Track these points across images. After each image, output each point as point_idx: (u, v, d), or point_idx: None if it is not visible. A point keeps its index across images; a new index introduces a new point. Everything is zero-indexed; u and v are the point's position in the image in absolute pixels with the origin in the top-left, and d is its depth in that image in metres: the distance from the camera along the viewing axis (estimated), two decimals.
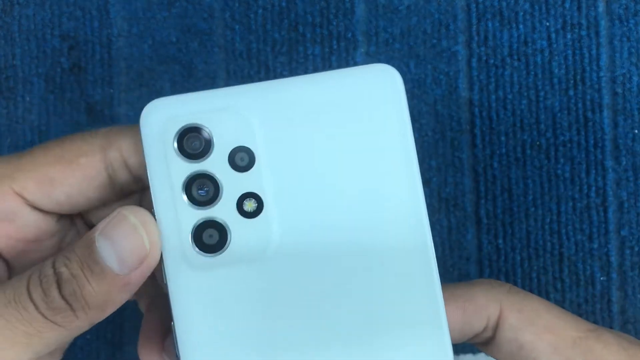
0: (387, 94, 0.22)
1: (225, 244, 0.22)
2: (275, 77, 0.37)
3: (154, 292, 0.28)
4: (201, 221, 0.22)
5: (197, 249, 0.22)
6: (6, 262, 0.25)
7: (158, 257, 0.22)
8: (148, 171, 0.22)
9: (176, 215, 0.22)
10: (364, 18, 0.37)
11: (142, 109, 0.23)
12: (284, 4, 0.37)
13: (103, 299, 0.21)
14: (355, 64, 0.36)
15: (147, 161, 0.22)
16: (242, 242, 0.22)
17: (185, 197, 0.22)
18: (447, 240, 0.36)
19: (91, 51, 0.37)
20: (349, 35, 0.37)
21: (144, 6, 0.37)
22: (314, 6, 0.37)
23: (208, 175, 0.22)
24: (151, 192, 0.22)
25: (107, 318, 0.28)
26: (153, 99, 0.31)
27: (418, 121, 0.36)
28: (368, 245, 0.22)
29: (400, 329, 0.22)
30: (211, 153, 0.22)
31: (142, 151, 0.22)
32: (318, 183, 0.22)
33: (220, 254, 0.22)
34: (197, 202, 0.22)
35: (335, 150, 0.22)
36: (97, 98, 0.37)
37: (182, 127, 0.22)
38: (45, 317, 0.21)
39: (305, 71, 0.36)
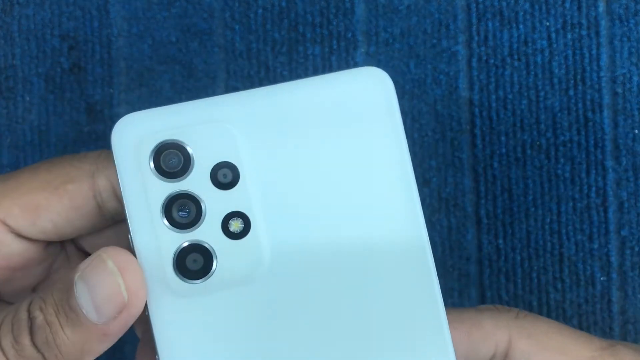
0: (378, 99, 0.21)
1: (210, 269, 0.20)
2: (275, 77, 0.37)
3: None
4: (184, 245, 0.20)
5: (180, 275, 0.20)
6: None
7: (141, 306, 0.20)
8: (123, 194, 0.20)
9: (156, 241, 0.20)
10: (364, 18, 0.37)
11: (142, 109, 0.21)
12: (284, 4, 0.37)
13: (78, 348, 0.19)
14: (355, 64, 0.36)
15: (121, 183, 0.20)
16: (229, 265, 0.20)
17: (165, 220, 0.20)
18: (447, 240, 0.36)
19: (91, 51, 0.37)
20: (349, 35, 0.36)
21: (144, 6, 0.37)
22: (314, 6, 0.37)
23: (189, 195, 0.20)
24: (127, 216, 0.20)
25: None
26: (153, 99, 0.30)
27: (418, 121, 0.36)
28: (364, 259, 0.21)
29: (402, 349, 0.21)
30: (191, 171, 0.20)
31: (115, 170, 0.20)
32: (308, 196, 0.21)
33: (206, 280, 0.20)
34: (179, 224, 0.20)
35: (325, 160, 0.21)
36: (97, 98, 0.37)
37: (158, 144, 0.20)
38: None
39: (305, 71, 0.36)
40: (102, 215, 0.23)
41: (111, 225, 0.25)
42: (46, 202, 0.23)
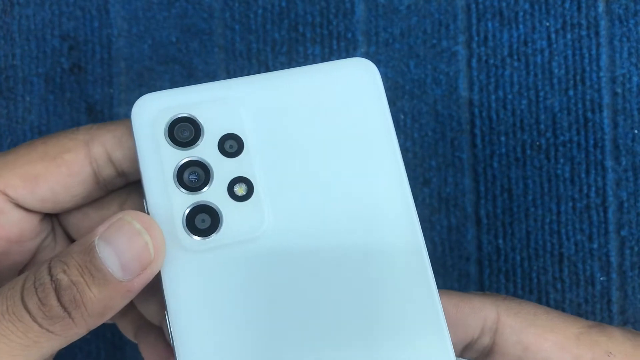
0: (366, 86, 0.23)
1: (217, 227, 0.22)
2: None
3: (140, 320, 0.27)
4: (193, 206, 0.22)
5: (189, 233, 0.22)
6: None
7: (162, 263, 0.21)
8: (140, 160, 0.22)
9: (169, 201, 0.22)
10: (364, 18, 0.37)
11: None
12: (284, 4, 0.37)
13: (103, 305, 0.20)
14: None
15: (138, 151, 0.22)
16: (234, 225, 0.22)
17: (177, 183, 0.22)
18: (447, 240, 0.36)
19: (91, 51, 0.37)
20: (349, 35, 0.36)
21: (144, 6, 0.37)
22: (314, 6, 0.37)
23: (199, 161, 0.22)
24: (143, 180, 0.22)
25: None
26: None
27: (418, 121, 0.36)
28: (359, 234, 0.22)
29: (399, 328, 0.22)
30: (201, 141, 0.22)
31: (134, 143, 0.23)
32: (304, 170, 0.23)
33: (213, 237, 0.22)
34: (189, 187, 0.22)
35: (319, 139, 0.23)
36: (97, 98, 0.37)
37: (173, 117, 0.22)
38: (42, 327, 0.20)
39: None
40: (97, 183, 0.25)
41: (103, 196, 0.26)
42: (45, 171, 0.24)
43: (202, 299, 0.22)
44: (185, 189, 0.22)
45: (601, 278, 0.36)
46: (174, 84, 0.37)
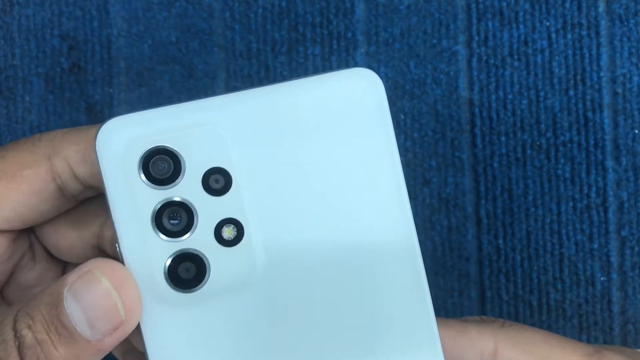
0: (368, 101, 0.20)
1: (204, 278, 0.19)
2: (275, 77, 0.37)
3: (127, 344, 0.26)
4: (176, 254, 0.19)
5: (172, 285, 0.19)
6: None
7: (137, 321, 0.19)
8: (109, 200, 0.19)
9: (146, 250, 0.19)
10: (364, 18, 0.37)
11: (142, 109, 0.20)
12: (284, 4, 0.37)
13: None
14: (355, 64, 0.36)
15: (107, 190, 0.19)
16: (223, 273, 0.19)
17: (156, 229, 0.19)
18: (447, 240, 0.36)
19: (91, 51, 0.37)
20: (349, 35, 0.36)
21: (144, 6, 0.37)
22: (314, 6, 0.37)
23: (180, 202, 0.19)
24: (114, 223, 0.19)
25: None
26: (153, 99, 0.30)
27: (418, 121, 0.36)
28: (355, 261, 0.20)
29: (394, 352, 0.21)
30: (182, 177, 0.19)
31: (101, 177, 0.19)
32: (300, 199, 0.20)
33: (199, 288, 0.19)
34: (170, 233, 0.19)
35: (316, 163, 0.20)
36: (97, 98, 0.37)
37: (147, 150, 0.19)
38: None
39: (305, 71, 0.36)
40: (64, 196, 0.23)
41: (74, 206, 0.24)
42: (5, 191, 0.22)
43: (186, 357, 0.19)
44: (166, 235, 0.19)
45: (601, 278, 0.36)
46: (174, 83, 0.37)
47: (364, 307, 0.20)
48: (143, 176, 0.19)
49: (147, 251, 0.19)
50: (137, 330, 0.24)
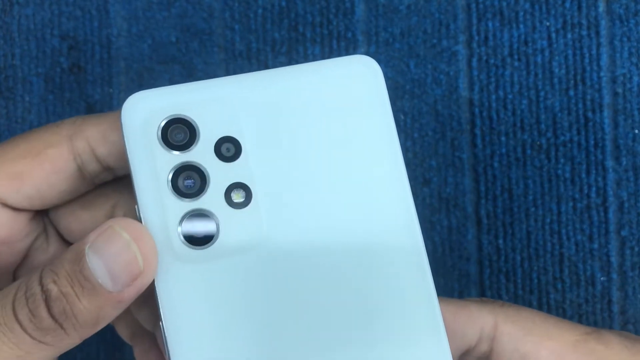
0: (368, 84, 0.22)
1: (214, 237, 0.21)
2: None
3: (135, 325, 0.27)
4: (189, 214, 0.21)
5: (185, 242, 0.21)
6: None
7: (154, 273, 0.21)
8: (131, 164, 0.21)
9: (162, 209, 0.21)
10: (364, 18, 0.37)
11: None
12: (284, 4, 0.37)
13: (94, 316, 0.20)
14: None
15: (129, 155, 0.21)
16: (232, 233, 0.21)
17: (171, 190, 0.21)
18: (447, 240, 0.36)
19: (91, 51, 0.37)
20: (349, 35, 0.36)
21: (144, 6, 0.37)
22: (314, 6, 0.37)
23: (194, 166, 0.21)
24: (134, 185, 0.21)
25: None
26: None
27: (418, 121, 0.36)
28: (358, 237, 0.22)
29: (397, 329, 0.21)
30: (197, 144, 0.21)
31: (124, 144, 0.21)
32: (304, 172, 0.22)
33: (209, 246, 0.21)
34: (184, 194, 0.21)
35: (319, 141, 0.22)
36: (97, 98, 0.37)
37: (166, 118, 0.21)
38: (34, 338, 0.20)
39: None
40: (83, 178, 0.24)
41: (96, 193, 0.25)
42: (28, 169, 0.23)
43: (197, 311, 0.21)
44: (181, 196, 0.21)
45: (602, 278, 0.36)
46: (173, 83, 0.36)
47: (367, 288, 0.21)
48: (161, 142, 0.21)
49: (162, 210, 0.21)
50: (147, 307, 0.25)
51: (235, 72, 0.37)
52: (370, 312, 0.21)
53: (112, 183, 0.25)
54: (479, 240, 0.36)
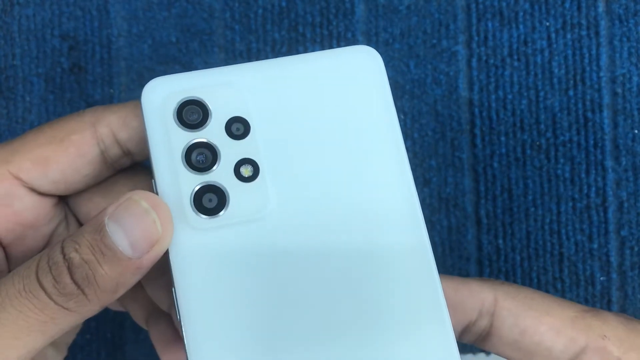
0: (369, 73, 0.24)
1: (224, 207, 0.22)
2: None
3: (150, 306, 0.28)
4: (201, 186, 0.22)
5: (197, 212, 0.22)
6: (3, 249, 0.26)
7: (170, 240, 0.22)
8: (149, 141, 0.23)
9: (177, 181, 0.23)
10: (364, 18, 0.37)
11: None
12: (284, 4, 0.37)
13: (114, 282, 0.21)
14: None
15: (148, 132, 0.23)
16: (240, 205, 0.22)
17: (185, 164, 0.23)
18: (447, 240, 0.36)
19: (91, 51, 0.37)
20: (349, 35, 0.36)
21: (144, 6, 0.37)
22: (314, 6, 0.37)
23: (206, 143, 0.23)
24: (152, 160, 0.23)
25: (107, 318, 0.29)
26: None
27: (418, 121, 0.36)
28: (360, 211, 0.23)
29: (401, 316, 0.22)
30: (209, 123, 0.23)
31: (143, 124, 0.23)
32: (308, 155, 0.23)
33: (220, 216, 0.22)
34: (197, 168, 0.23)
35: (323, 125, 0.23)
36: (97, 98, 0.37)
37: (182, 100, 0.23)
38: (57, 304, 0.21)
39: None
40: (105, 163, 0.25)
41: (113, 182, 0.26)
42: (54, 154, 0.24)
43: (208, 277, 0.22)
44: (193, 170, 0.23)
45: (601, 278, 0.36)
46: None
47: (368, 252, 0.23)
48: (177, 121, 0.23)
49: (177, 182, 0.23)
50: (162, 288, 0.27)
51: None
52: (373, 296, 0.22)
53: (130, 173, 0.27)
54: (479, 240, 0.36)
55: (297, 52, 0.36)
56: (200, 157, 0.23)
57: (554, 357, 0.24)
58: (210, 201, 0.22)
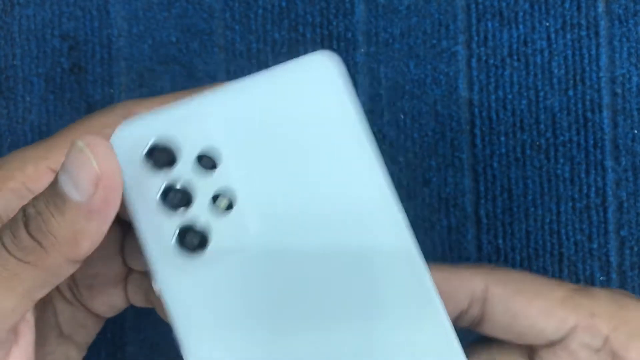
0: (327, 78, 0.23)
1: (206, 243, 0.22)
2: None
3: (145, 286, 0.28)
4: (180, 227, 0.23)
5: (182, 252, 0.22)
6: None
7: (115, 178, 0.22)
8: (125, 190, 0.22)
9: (157, 225, 0.23)
10: (364, 18, 0.37)
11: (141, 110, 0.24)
12: (284, 4, 0.37)
13: (70, 230, 0.21)
14: (355, 64, 0.36)
15: (124, 182, 0.23)
16: (223, 237, 0.23)
17: (162, 207, 0.23)
18: (447, 240, 0.36)
19: (91, 51, 0.37)
20: (349, 35, 0.37)
21: (144, 6, 0.37)
22: (314, 6, 0.37)
23: (179, 181, 0.23)
24: (130, 208, 0.23)
25: (108, 318, 0.28)
26: None
27: (418, 121, 0.36)
28: (341, 226, 0.23)
29: (394, 312, 0.22)
30: (180, 161, 0.23)
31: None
32: (282, 172, 0.23)
33: (204, 252, 0.22)
34: (174, 208, 0.23)
35: (291, 141, 0.23)
36: (97, 98, 0.37)
37: (149, 143, 0.23)
38: (17, 258, 0.21)
39: None
40: None
41: None
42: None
43: (205, 311, 0.22)
44: (171, 211, 0.23)
45: (601, 278, 0.36)
46: (174, 84, 0.37)
47: (355, 263, 0.23)
48: (147, 164, 0.23)
49: (157, 226, 0.23)
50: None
51: (235, 72, 0.37)
52: (365, 299, 0.22)
53: None
54: (479, 240, 0.36)
55: (297, 52, 0.36)
56: (176, 198, 0.23)
57: (546, 338, 0.25)
58: (193, 240, 0.23)
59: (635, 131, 0.36)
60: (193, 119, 0.23)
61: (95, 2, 0.37)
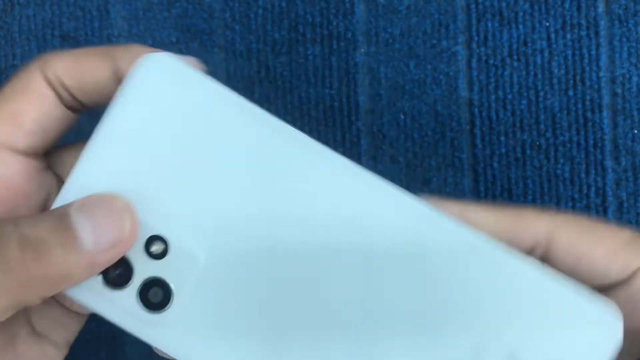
0: (179, 80, 0.22)
1: (170, 296, 0.22)
2: (275, 77, 0.37)
3: None
4: (138, 292, 0.22)
5: (154, 312, 0.22)
6: None
7: (131, 246, 0.21)
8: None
9: (116, 303, 0.22)
10: (364, 18, 0.37)
11: None
12: (284, 4, 0.37)
13: (64, 270, 0.20)
14: (355, 64, 0.36)
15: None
16: (179, 279, 0.22)
17: (108, 287, 0.22)
18: None
19: None
20: (349, 35, 0.37)
21: (144, 6, 0.37)
22: (314, 6, 0.37)
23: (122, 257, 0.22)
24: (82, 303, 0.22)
25: None
26: None
27: (418, 121, 0.36)
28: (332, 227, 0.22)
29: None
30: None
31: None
32: (204, 189, 0.22)
33: (172, 302, 0.22)
34: (122, 284, 0.22)
35: (188, 152, 0.22)
36: None
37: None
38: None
39: (305, 71, 0.36)
40: (65, 105, 0.24)
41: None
42: (20, 105, 0.24)
43: (203, 344, 0.22)
44: (119, 287, 0.22)
45: None
46: None
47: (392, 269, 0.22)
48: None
49: (117, 305, 0.22)
50: None
51: (235, 72, 0.37)
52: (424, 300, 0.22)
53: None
54: None
55: (297, 52, 0.36)
56: (116, 274, 0.22)
57: (610, 280, 0.25)
58: (155, 296, 0.22)
59: (635, 131, 0.36)
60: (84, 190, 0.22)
61: (95, 2, 0.37)
